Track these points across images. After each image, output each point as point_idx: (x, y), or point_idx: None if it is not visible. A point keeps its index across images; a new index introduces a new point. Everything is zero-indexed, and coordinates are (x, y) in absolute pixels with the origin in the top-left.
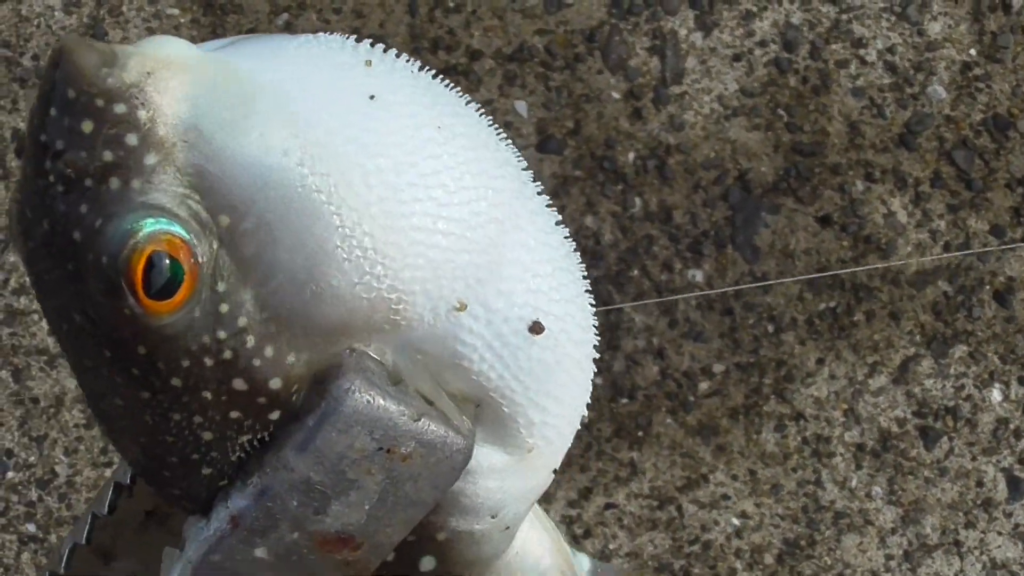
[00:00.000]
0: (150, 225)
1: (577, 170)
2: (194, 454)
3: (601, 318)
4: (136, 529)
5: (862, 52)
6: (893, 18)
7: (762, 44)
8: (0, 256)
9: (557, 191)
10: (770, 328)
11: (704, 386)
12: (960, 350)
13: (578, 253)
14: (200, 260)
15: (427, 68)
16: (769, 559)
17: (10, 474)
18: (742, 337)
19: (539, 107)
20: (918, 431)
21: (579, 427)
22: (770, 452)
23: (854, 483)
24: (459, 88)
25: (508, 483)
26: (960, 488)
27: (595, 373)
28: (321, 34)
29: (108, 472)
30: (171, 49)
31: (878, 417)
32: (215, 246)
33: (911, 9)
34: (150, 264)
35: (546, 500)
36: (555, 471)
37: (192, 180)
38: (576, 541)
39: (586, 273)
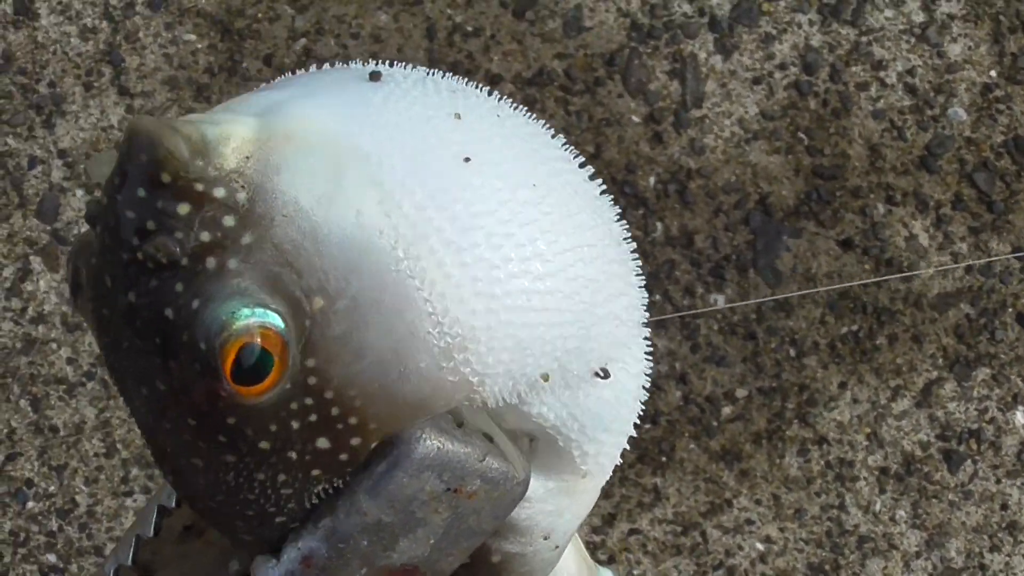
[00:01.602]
0: (246, 316)
1: None
2: (272, 507)
3: None
4: (175, 542)
5: (882, 74)
6: (913, 40)
7: (782, 67)
8: (20, 285)
9: None
10: (792, 352)
11: (727, 411)
12: (983, 372)
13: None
14: (291, 351)
15: (504, 98)
16: None
17: (30, 504)
18: (764, 361)
19: (559, 131)
20: (942, 454)
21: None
22: (793, 476)
23: (878, 507)
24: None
25: (562, 506)
26: (985, 511)
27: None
28: (400, 73)
29: (129, 501)
30: (267, 118)
31: (901, 441)
32: (307, 324)
33: (931, 31)
34: (240, 355)
35: None
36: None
37: (289, 257)
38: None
39: None
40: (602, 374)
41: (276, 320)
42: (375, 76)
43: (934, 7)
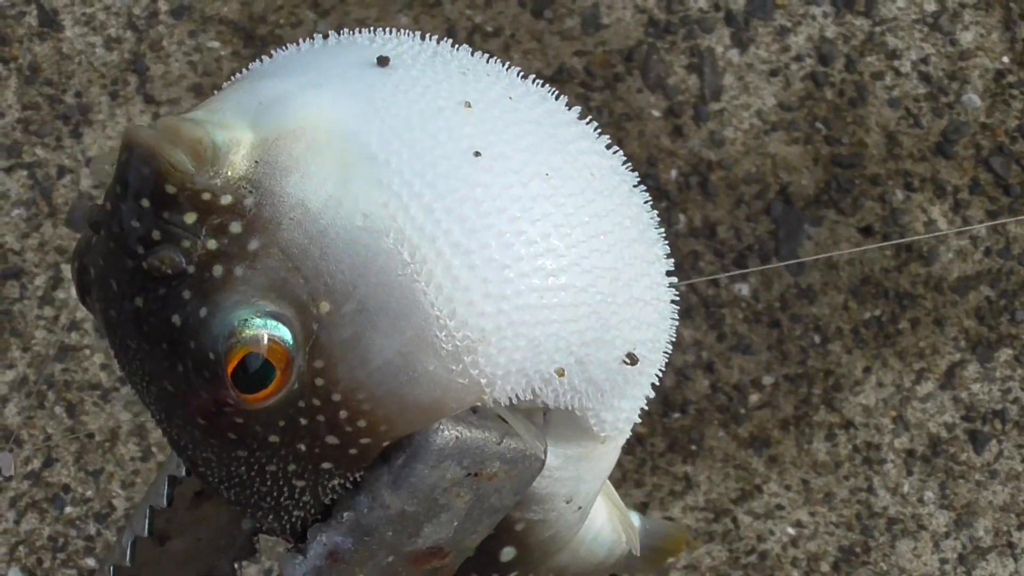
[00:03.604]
0: (253, 327)
1: None
2: (287, 500)
3: None
4: (187, 509)
5: (896, 63)
6: (926, 29)
7: (798, 59)
8: (51, 293)
9: None
10: (817, 338)
11: (754, 398)
12: (1005, 353)
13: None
14: (296, 361)
15: (515, 69)
16: (825, 567)
17: (68, 509)
18: (790, 348)
19: None
20: (967, 435)
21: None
22: (822, 461)
23: (906, 489)
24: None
25: (582, 469)
26: (1011, 490)
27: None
28: (409, 54)
29: None
30: (272, 112)
31: (927, 423)
32: (315, 328)
33: (943, 19)
34: (244, 364)
35: None
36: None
37: (295, 262)
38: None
39: None
40: (629, 361)
41: (284, 333)
42: (383, 61)
43: None
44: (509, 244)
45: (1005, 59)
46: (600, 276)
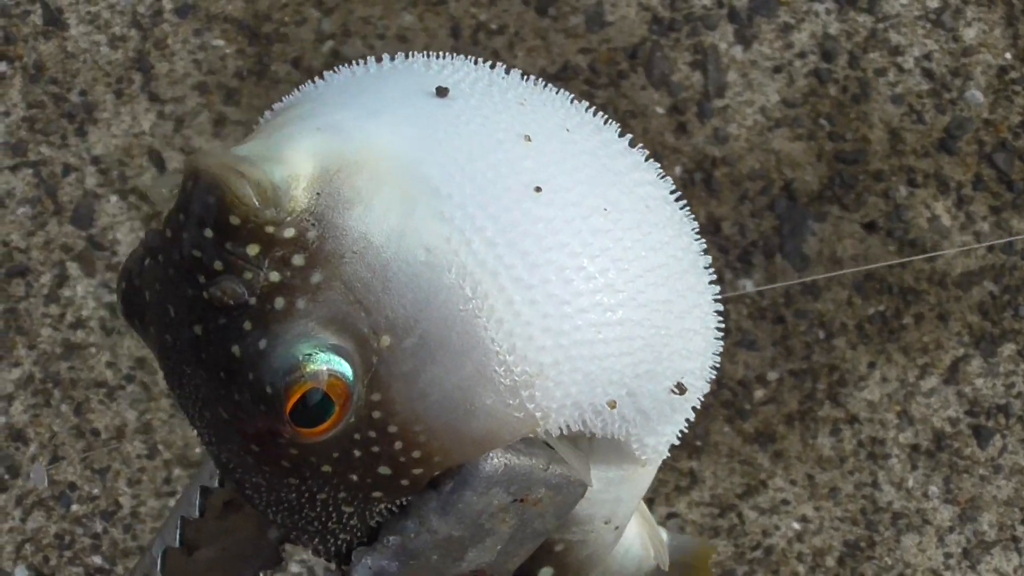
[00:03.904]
0: (320, 361)
1: None
2: (334, 524)
3: None
4: (216, 519)
5: (899, 60)
6: (928, 25)
7: (801, 55)
8: (57, 291)
9: None
10: (821, 334)
11: (759, 394)
12: (1008, 348)
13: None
14: (354, 396)
15: (571, 97)
16: (830, 562)
17: (74, 507)
18: (794, 344)
19: None
20: (971, 430)
21: None
22: (827, 456)
23: (910, 483)
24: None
25: (622, 491)
26: (1015, 484)
27: None
28: (467, 82)
29: (172, 501)
30: (332, 143)
31: (931, 417)
32: (374, 361)
33: (946, 16)
34: (304, 399)
35: None
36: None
37: (357, 295)
38: None
39: None
40: (677, 391)
41: (344, 368)
42: (442, 92)
43: None
44: (569, 280)
45: (1008, 55)
46: (655, 310)
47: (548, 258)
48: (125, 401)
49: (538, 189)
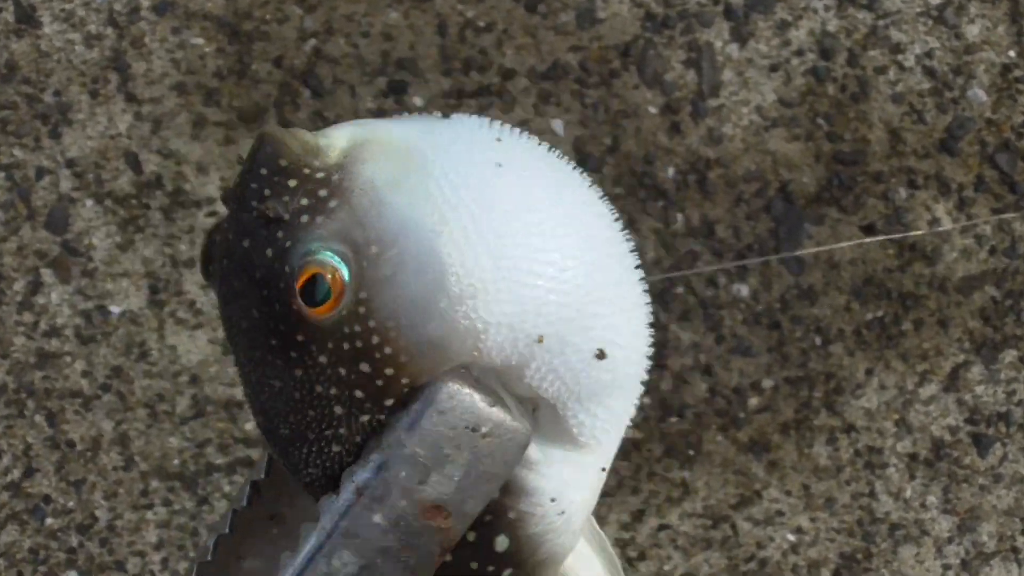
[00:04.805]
0: (324, 255)
1: (617, 187)
2: (328, 429)
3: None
4: (261, 531)
5: (900, 58)
6: (930, 22)
7: (799, 53)
8: (31, 298)
9: None
10: (818, 340)
11: (754, 402)
12: (1010, 355)
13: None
14: (348, 287)
15: (524, 132)
16: (826, 574)
17: (49, 520)
18: (790, 351)
19: (576, 125)
20: (971, 438)
21: (626, 429)
22: (823, 466)
23: (908, 493)
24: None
25: (565, 472)
26: (1016, 494)
27: (643, 393)
28: (463, 116)
29: (149, 514)
30: (362, 131)
31: (930, 426)
32: (364, 265)
33: (948, 12)
34: (311, 281)
35: (599, 522)
36: (604, 469)
37: (359, 216)
38: (631, 564)
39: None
40: (599, 355)
41: (342, 265)
42: (446, 115)
43: None
44: (510, 222)
45: (1011, 53)
46: (579, 265)
47: (495, 205)
48: (101, 411)
49: (499, 165)
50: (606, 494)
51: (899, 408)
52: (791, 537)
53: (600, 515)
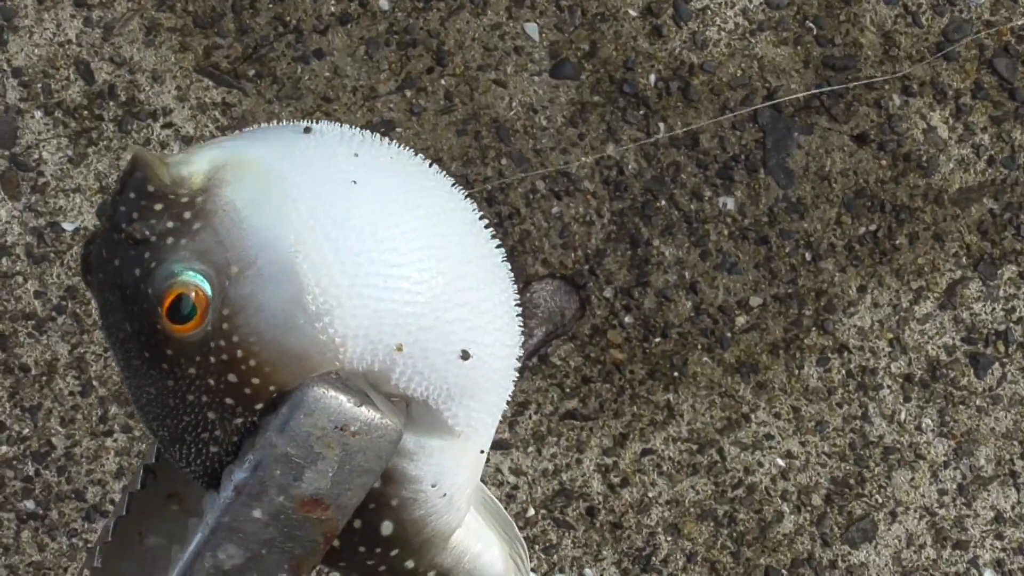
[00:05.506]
0: (188, 275)
1: (595, 95)
2: (204, 432)
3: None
4: (160, 509)
5: None
6: None
7: None
8: None
9: (574, 119)
10: (807, 256)
11: (741, 321)
12: (1009, 270)
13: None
14: (213, 305)
15: (387, 140)
16: (817, 500)
17: (3, 448)
18: (778, 267)
19: (551, 29)
20: (968, 358)
21: (501, 417)
22: (813, 387)
23: (903, 416)
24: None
25: (444, 459)
26: (1014, 416)
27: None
28: (326, 127)
29: (109, 441)
30: (225, 154)
31: (925, 345)
32: (226, 284)
33: None
34: (176, 301)
35: (579, 449)
36: (483, 451)
37: (221, 237)
38: (612, 491)
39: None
40: (462, 355)
41: (205, 284)
42: (307, 131)
43: None
44: (364, 240)
45: None
46: (434, 276)
47: (350, 224)
48: (56, 334)
49: (354, 182)
50: (587, 418)
51: (893, 327)
52: (780, 462)
53: (581, 440)
